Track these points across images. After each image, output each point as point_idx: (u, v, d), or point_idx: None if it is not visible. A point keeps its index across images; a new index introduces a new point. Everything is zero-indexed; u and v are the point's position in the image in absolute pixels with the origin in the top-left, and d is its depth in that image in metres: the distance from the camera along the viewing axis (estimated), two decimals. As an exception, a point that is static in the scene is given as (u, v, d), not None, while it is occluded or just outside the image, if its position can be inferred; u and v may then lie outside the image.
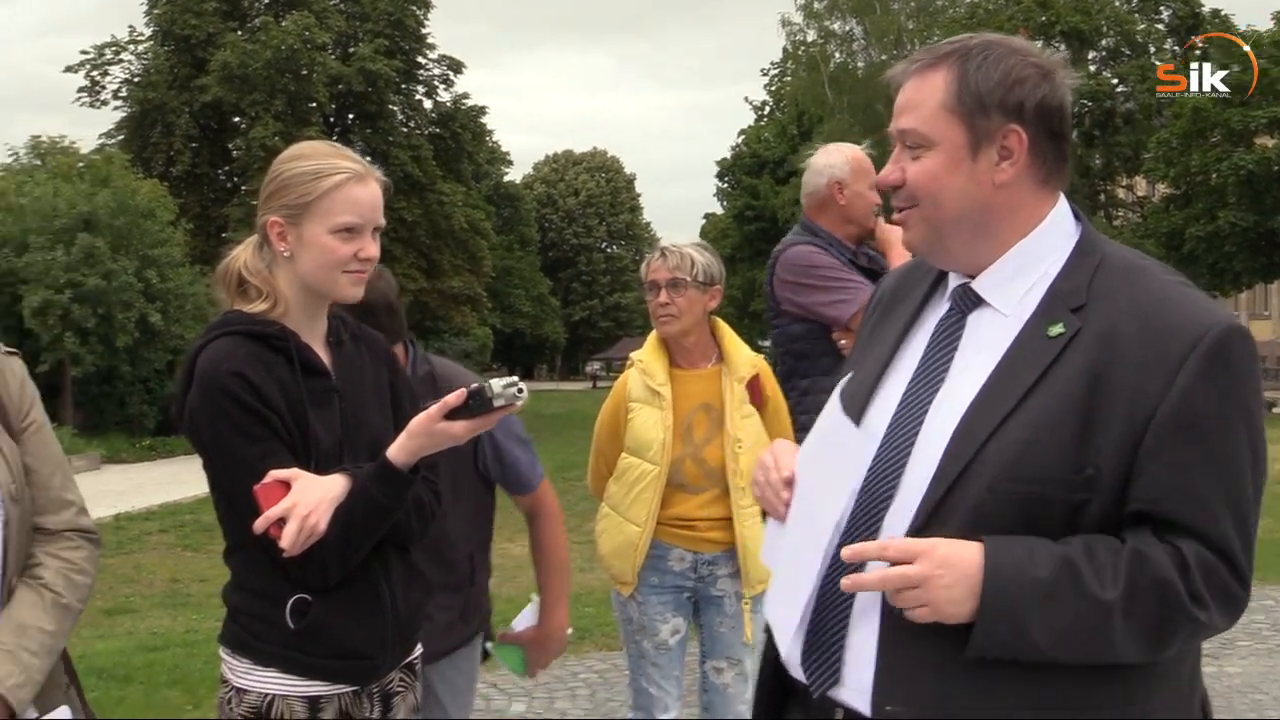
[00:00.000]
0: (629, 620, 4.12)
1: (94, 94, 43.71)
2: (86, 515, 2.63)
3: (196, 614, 10.42)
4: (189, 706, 6.62)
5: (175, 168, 41.48)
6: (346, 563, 2.48)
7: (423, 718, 2.92)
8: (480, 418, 2.46)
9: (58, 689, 2.54)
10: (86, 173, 31.12)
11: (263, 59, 39.12)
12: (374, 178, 2.62)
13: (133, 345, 28.13)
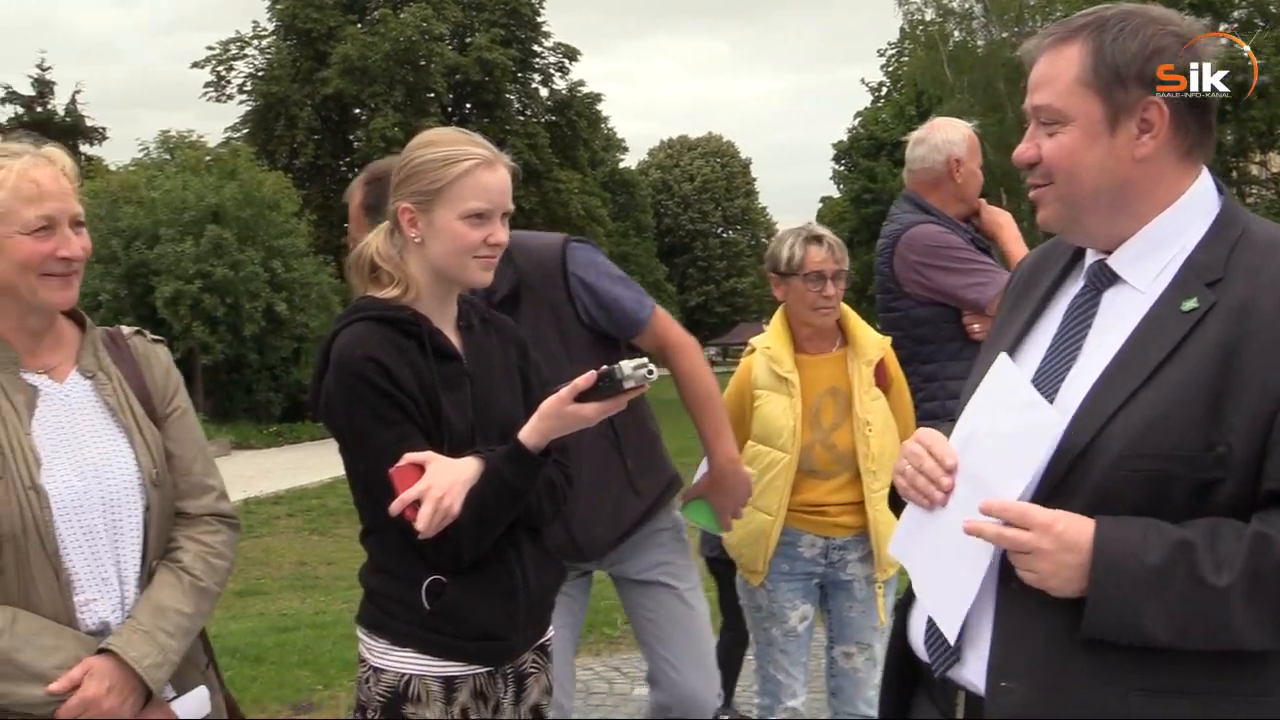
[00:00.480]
0: (757, 608, 4.09)
1: (220, 89, 44.87)
2: (226, 500, 2.69)
3: (324, 596, 10.64)
4: (319, 686, 6.74)
5: (298, 160, 42.35)
6: (480, 544, 2.51)
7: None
8: (611, 399, 2.46)
9: (195, 669, 2.60)
10: (214, 166, 31.87)
11: (382, 51, 39.74)
12: (503, 163, 2.64)
13: (259, 334, 28.76)
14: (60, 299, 2.45)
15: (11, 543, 2.33)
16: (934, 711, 2.03)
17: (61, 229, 2.40)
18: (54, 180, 2.39)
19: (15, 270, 2.39)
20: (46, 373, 2.51)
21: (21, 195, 2.35)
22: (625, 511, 3.57)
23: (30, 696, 2.31)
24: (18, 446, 2.38)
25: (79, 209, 2.44)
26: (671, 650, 3.67)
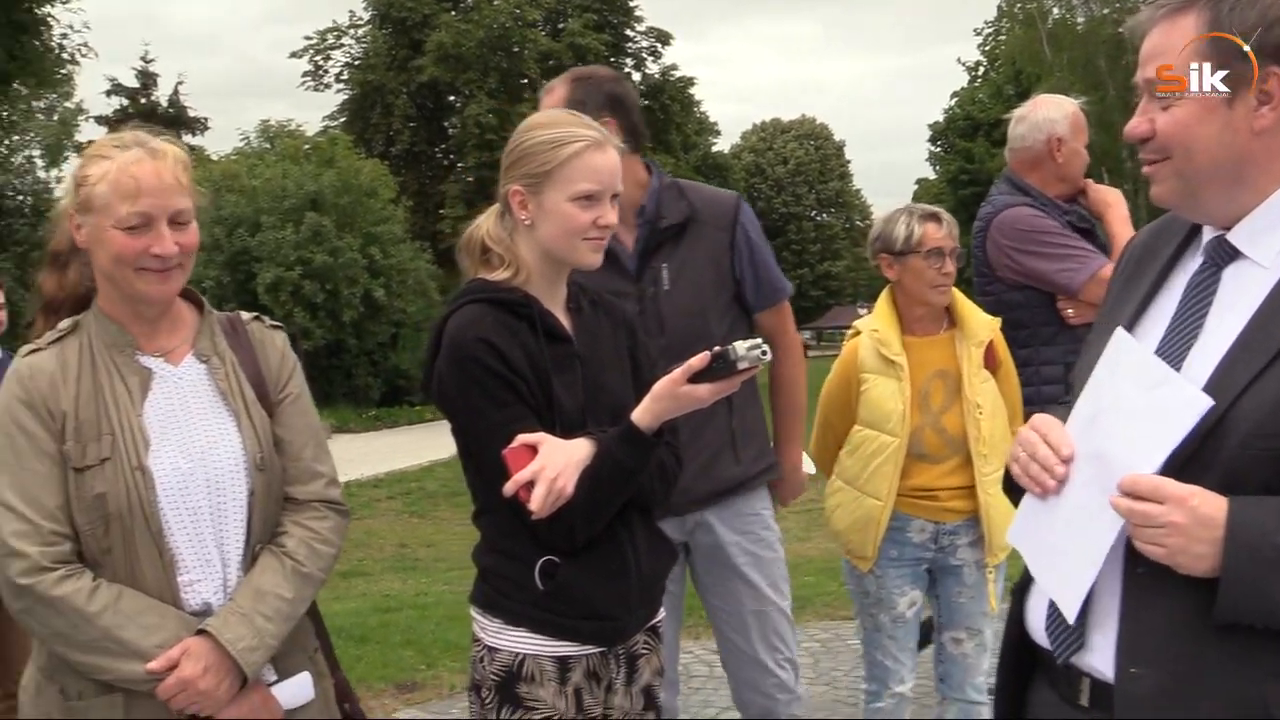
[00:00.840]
0: (865, 594, 4.04)
1: (317, 78, 45.61)
2: (336, 487, 2.69)
3: (425, 577, 10.78)
4: (423, 666, 6.80)
5: (394, 147, 42.88)
6: (593, 525, 2.51)
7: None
8: (724, 380, 2.43)
9: (302, 653, 2.61)
10: (312, 154, 32.39)
11: (476, 38, 40.03)
12: (612, 145, 2.63)
13: (358, 319, 29.20)
14: (156, 293, 2.46)
15: (118, 522, 2.36)
16: (1054, 699, 1.98)
17: (157, 226, 2.39)
18: (154, 176, 2.38)
19: (112, 263, 2.42)
20: (163, 356, 2.53)
21: (120, 190, 2.37)
22: (719, 470, 3.59)
23: (131, 673, 2.34)
24: (128, 428, 2.41)
25: (183, 205, 2.43)
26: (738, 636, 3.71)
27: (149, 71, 39.72)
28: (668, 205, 3.57)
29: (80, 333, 2.49)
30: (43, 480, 2.35)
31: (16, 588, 2.31)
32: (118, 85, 39.18)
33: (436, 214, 41.18)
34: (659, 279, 3.52)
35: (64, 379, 2.41)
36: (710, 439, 3.57)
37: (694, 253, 3.57)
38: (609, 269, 3.42)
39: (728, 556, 3.64)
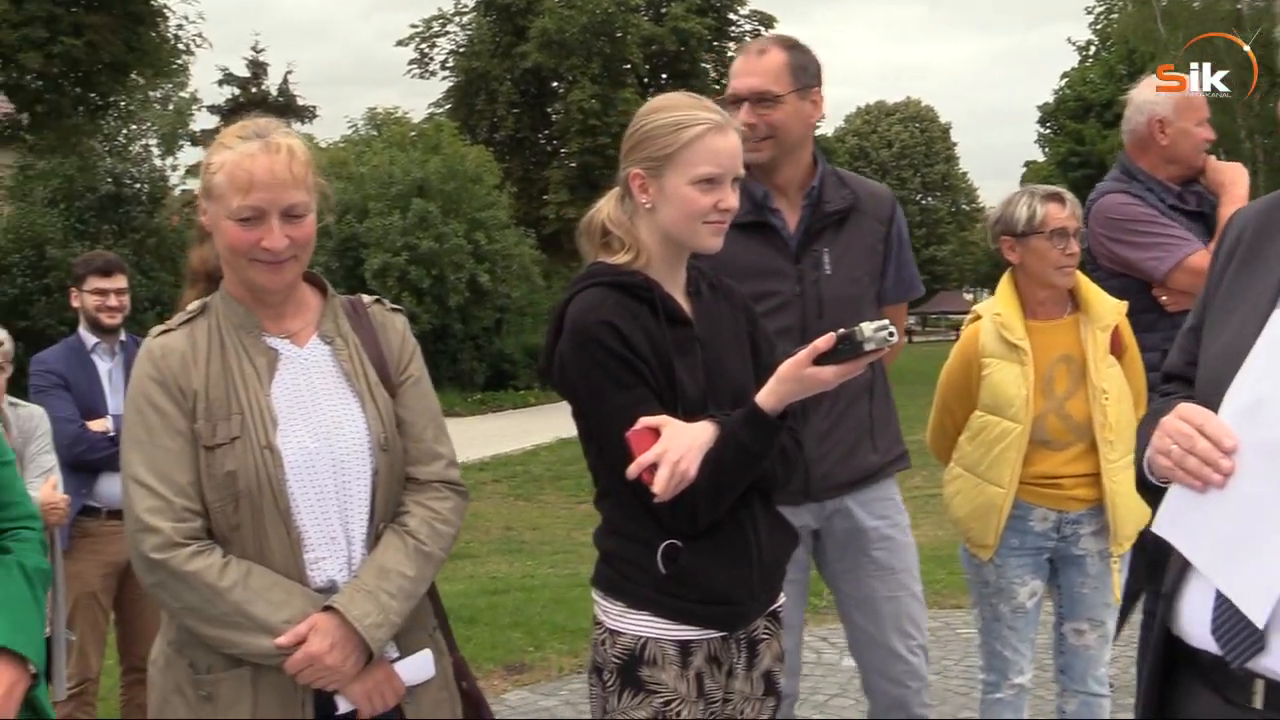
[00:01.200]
0: (984, 583, 3.97)
1: (423, 65, 46.11)
2: (456, 468, 2.71)
3: (531, 560, 10.86)
4: (530, 648, 6.87)
5: (499, 133, 43.19)
6: (716, 508, 2.50)
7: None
8: (850, 362, 2.41)
9: (422, 631, 2.63)
10: (418, 141, 32.76)
11: (579, 24, 40.10)
12: (734, 128, 2.61)
13: (463, 304, 29.47)
14: (268, 282, 2.49)
15: (247, 499, 2.40)
16: (1216, 701, 1.91)
17: (268, 220, 2.42)
18: (268, 171, 2.41)
19: (228, 251, 2.47)
20: (288, 337, 2.57)
21: (234, 183, 2.40)
22: (859, 459, 3.57)
23: (260, 647, 2.37)
24: (257, 407, 2.45)
25: (296, 199, 2.45)
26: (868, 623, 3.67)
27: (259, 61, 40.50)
28: (830, 191, 3.56)
29: (209, 314, 2.54)
30: (175, 458, 2.40)
31: (150, 562, 2.36)
32: (229, 75, 40.00)
33: (540, 200, 41.42)
34: (820, 263, 3.50)
35: (194, 359, 2.46)
36: (852, 426, 3.55)
37: (854, 241, 3.57)
38: (769, 244, 3.43)
39: (865, 542, 3.60)
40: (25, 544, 2.30)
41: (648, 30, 42.13)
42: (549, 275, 35.10)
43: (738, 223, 3.38)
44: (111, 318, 4.99)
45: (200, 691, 2.43)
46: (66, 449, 4.69)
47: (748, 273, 3.39)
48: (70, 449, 4.72)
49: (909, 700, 3.64)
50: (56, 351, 5.04)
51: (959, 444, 3.97)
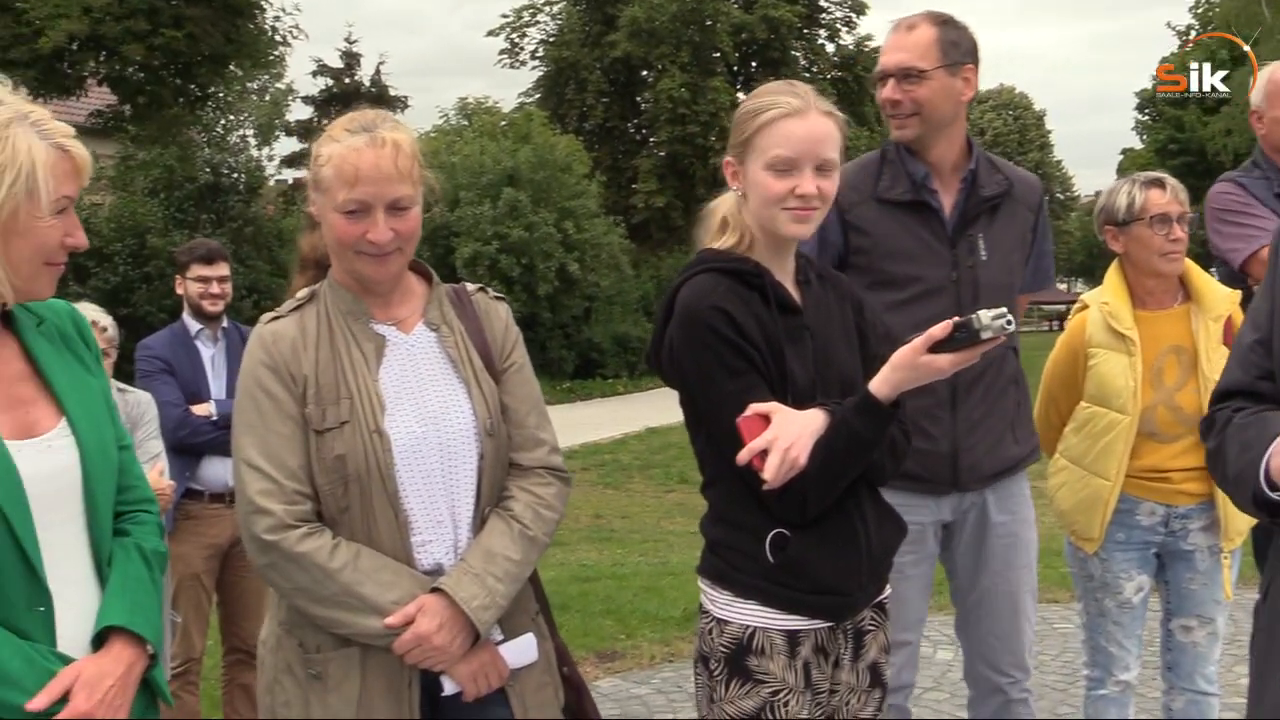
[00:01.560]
0: (1089, 577, 3.90)
1: (513, 55, 46.32)
2: (558, 455, 2.72)
3: (620, 548, 10.88)
4: (622, 636, 6.88)
5: (588, 122, 43.27)
6: (825, 497, 2.48)
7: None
8: (965, 351, 2.36)
9: (525, 615, 2.65)
10: (509, 130, 32.94)
11: (669, 12, 40.02)
12: (819, 111, 2.56)
13: (552, 293, 29.62)
14: (374, 274, 2.53)
15: (356, 483, 2.44)
16: None
17: (373, 213, 2.45)
18: (373, 166, 2.43)
19: (335, 244, 2.51)
20: (395, 324, 2.61)
21: (341, 176, 2.43)
22: (1003, 450, 3.53)
23: (369, 628, 2.41)
24: (366, 392, 2.48)
25: (401, 193, 2.47)
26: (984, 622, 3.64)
27: (352, 52, 40.93)
28: (985, 175, 3.52)
29: (318, 301, 2.58)
30: (286, 441, 2.44)
31: (262, 543, 2.41)
32: (323, 66, 40.46)
33: (629, 188, 41.46)
34: (975, 248, 3.46)
35: (304, 345, 2.50)
36: (1000, 417, 3.51)
37: (1008, 229, 3.53)
38: (926, 226, 3.40)
39: (990, 535, 3.56)
40: (143, 527, 2.34)
41: (737, 18, 41.94)
42: (637, 264, 35.15)
43: (896, 201, 3.35)
44: (214, 304, 5.07)
45: (310, 670, 2.47)
46: (171, 433, 4.78)
47: (901, 254, 3.39)
48: (174, 433, 4.81)
49: (1011, 692, 3.60)
50: (161, 337, 5.14)
51: (1064, 435, 3.90)
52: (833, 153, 2.56)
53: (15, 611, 2.05)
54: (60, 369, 2.23)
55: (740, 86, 43.82)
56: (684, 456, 18.06)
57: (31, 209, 2.05)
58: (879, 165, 3.52)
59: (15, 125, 2.04)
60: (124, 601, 2.19)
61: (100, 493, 2.21)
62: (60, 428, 2.17)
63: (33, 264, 2.10)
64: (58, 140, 2.10)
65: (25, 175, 2.03)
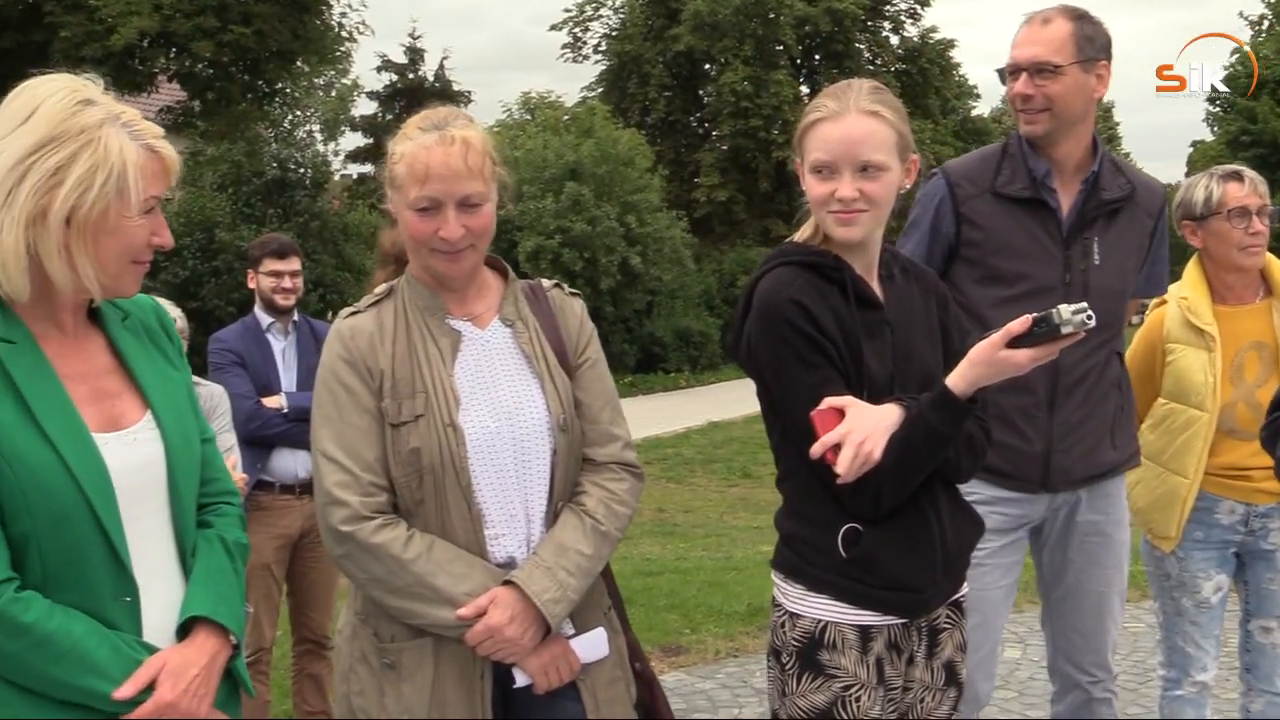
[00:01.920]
0: (1166, 576, 3.85)
1: (576, 49, 46.32)
2: (631, 450, 2.74)
3: (684, 543, 10.88)
4: (686, 630, 6.88)
5: (650, 116, 43.22)
6: (899, 492, 2.47)
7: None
8: (1045, 346, 2.35)
9: (597, 610, 2.67)
10: (571, 125, 32.96)
11: (732, 5, 39.88)
12: (860, 112, 2.52)
13: (615, 287, 29.62)
14: (447, 270, 2.55)
15: (431, 475, 2.47)
16: None
17: (445, 211, 2.48)
18: (443, 164, 2.46)
19: (409, 241, 2.56)
20: (471, 320, 2.64)
21: (412, 174, 2.47)
22: (1099, 456, 3.48)
23: (441, 618, 2.43)
24: (441, 387, 2.51)
25: (472, 190, 2.49)
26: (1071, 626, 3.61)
27: (416, 48, 41.05)
28: (1108, 178, 3.46)
29: (395, 297, 2.62)
30: (362, 434, 2.47)
31: (338, 534, 2.44)
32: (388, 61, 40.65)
33: (691, 182, 41.36)
34: (1090, 251, 3.40)
35: (381, 339, 2.54)
36: (1099, 421, 3.45)
37: (1125, 234, 3.47)
38: (1041, 225, 3.36)
39: (1080, 533, 3.53)
40: (226, 518, 2.38)
41: (801, 11, 41.67)
42: (700, 258, 35.07)
43: (1013, 196, 3.30)
44: (286, 298, 5.12)
45: (384, 660, 2.51)
46: (243, 425, 4.85)
47: (1013, 251, 3.35)
48: (246, 425, 4.87)
49: (1093, 692, 3.57)
50: (233, 331, 5.20)
51: (1141, 432, 3.84)
52: (876, 154, 2.51)
53: (102, 601, 2.09)
54: (145, 363, 2.27)
55: (803, 80, 43.62)
56: (746, 451, 18.03)
57: (121, 208, 2.08)
58: (999, 158, 3.46)
59: (107, 126, 2.08)
60: (208, 592, 2.23)
61: (184, 485, 2.24)
62: (145, 421, 2.21)
63: (120, 262, 2.14)
64: (148, 141, 2.14)
65: (116, 175, 2.06)
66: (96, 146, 2.05)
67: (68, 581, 2.06)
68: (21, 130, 2.04)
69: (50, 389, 2.08)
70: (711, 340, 33.33)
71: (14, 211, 2.02)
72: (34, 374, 2.07)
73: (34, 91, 2.09)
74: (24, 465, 2.01)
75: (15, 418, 2.02)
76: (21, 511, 2.01)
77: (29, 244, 2.04)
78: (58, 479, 2.03)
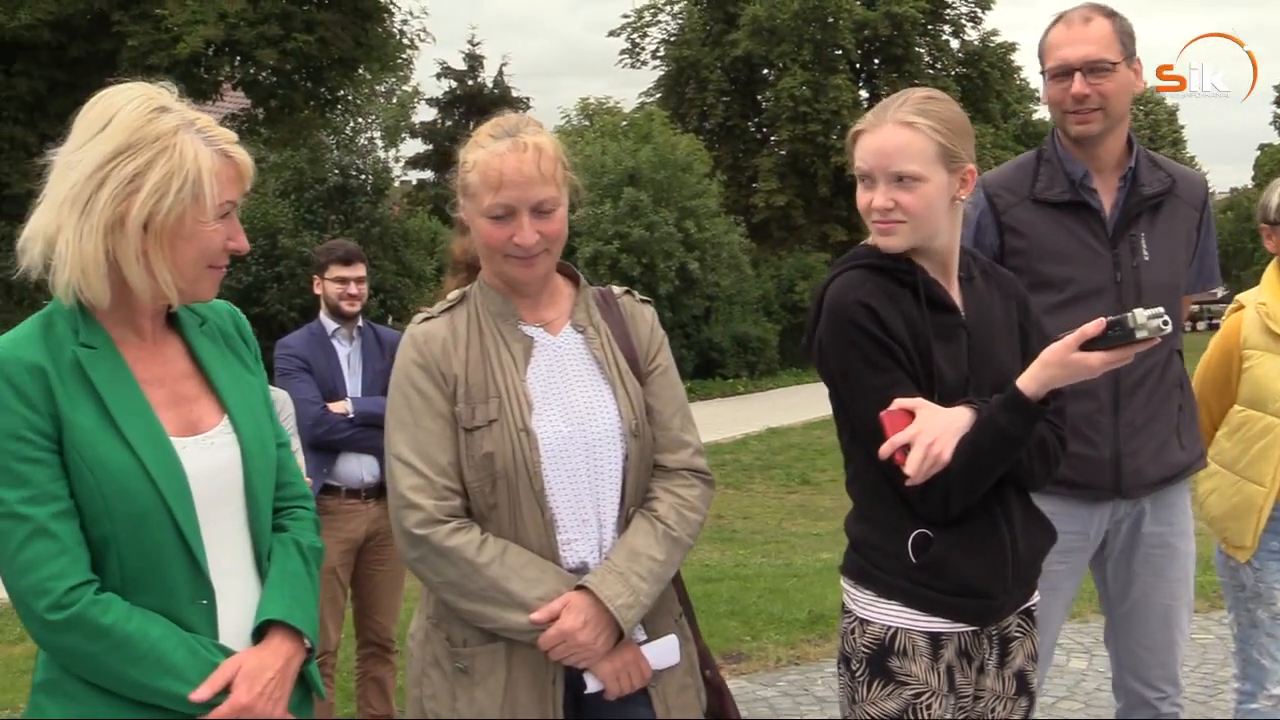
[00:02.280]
0: (1240, 587, 3.78)
1: (634, 55, 46.50)
2: (701, 457, 2.72)
3: (743, 549, 10.85)
4: (747, 638, 6.85)
5: (708, 121, 43.26)
6: (969, 495, 2.45)
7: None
8: (1119, 350, 2.32)
9: (668, 616, 2.66)
10: (630, 130, 33.03)
11: (790, 10, 39.83)
12: (895, 123, 2.51)
13: (673, 292, 29.64)
14: (522, 276, 2.57)
15: (504, 480, 2.48)
16: None
17: (519, 217, 2.49)
18: (516, 170, 2.48)
19: (483, 248, 2.56)
20: (543, 326, 2.65)
21: (486, 181, 2.49)
22: (1169, 456, 3.42)
23: (514, 623, 2.43)
24: (514, 392, 2.52)
25: (545, 195, 2.51)
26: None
27: (476, 55, 41.30)
28: (1146, 172, 3.43)
29: (468, 302, 2.63)
30: (436, 438, 2.49)
31: (413, 537, 2.45)
32: (447, 68, 40.95)
33: (749, 187, 41.34)
34: (1137, 248, 3.37)
35: (455, 345, 2.55)
36: (1164, 421, 3.40)
37: (1170, 228, 3.43)
38: (1085, 226, 3.33)
39: (1145, 545, 3.46)
40: (300, 522, 2.40)
41: (860, 15, 41.53)
42: (757, 263, 35.02)
43: (1052, 201, 3.28)
44: (351, 304, 5.17)
45: (457, 664, 2.51)
46: (309, 430, 4.89)
47: (1059, 256, 3.31)
48: (312, 430, 4.91)
49: (1161, 709, 3.51)
50: (299, 336, 5.25)
51: (1216, 440, 3.78)
52: (910, 165, 2.49)
53: (180, 604, 2.12)
54: (222, 367, 2.30)
55: (862, 84, 43.43)
56: (805, 457, 17.96)
57: (197, 214, 2.11)
58: (1035, 165, 3.44)
59: (182, 132, 2.11)
60: (283, 596, 2.25)
61: (260, 489, 2.27)
62: (222, 425, 2.24)
63: (196, 267, 2.16)
64: (222, 146, 2.17)
65: (191, 181, 2.09)
66: (172, 153, 2.08)
67: (146, 584, 2.09)
68: (99, 138, 2.08)
69: (130, 394, 2.11)
70: (769, 346, 33.27)
71: (92, 219, 2.05)
72: (114, 379, 2.10)
73: (110, 100, 2.13)
74: (104, 469, 2.04)
75: (96, 422, 2.06)
76: (102, 515, 2.05)
77: (107, 250, 2.07)
78: (137, 483, 2.06)
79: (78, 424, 2.05)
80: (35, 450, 2.02)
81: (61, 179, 2.09)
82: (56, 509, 2.02)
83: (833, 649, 6.48)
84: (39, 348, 2.08)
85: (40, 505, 2.01)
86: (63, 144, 2.13)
